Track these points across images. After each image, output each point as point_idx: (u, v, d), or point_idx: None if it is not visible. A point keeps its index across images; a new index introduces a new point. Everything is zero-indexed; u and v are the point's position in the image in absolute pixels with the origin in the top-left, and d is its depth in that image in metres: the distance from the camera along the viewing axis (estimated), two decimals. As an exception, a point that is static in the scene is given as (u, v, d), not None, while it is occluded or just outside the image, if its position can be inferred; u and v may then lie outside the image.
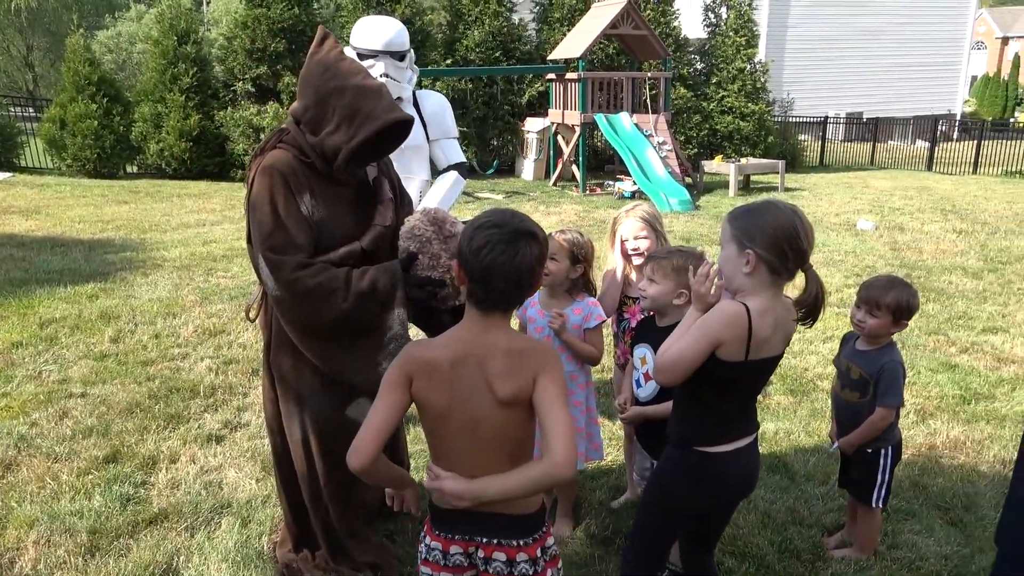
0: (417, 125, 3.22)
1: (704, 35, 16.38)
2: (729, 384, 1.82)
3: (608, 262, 2.79)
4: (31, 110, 18.27)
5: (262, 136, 12.71)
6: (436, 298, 2.10)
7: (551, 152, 13.88)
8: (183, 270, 6.33)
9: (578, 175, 12.69)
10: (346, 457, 1.47)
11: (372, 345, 2.07)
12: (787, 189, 12.75)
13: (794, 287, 1.80)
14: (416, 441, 3.29)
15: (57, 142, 13.10)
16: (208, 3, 38.76)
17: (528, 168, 14.26)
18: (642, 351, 2.39)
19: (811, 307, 1.77)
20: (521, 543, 1.54)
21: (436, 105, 3.32)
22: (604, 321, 2.58)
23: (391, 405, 1.50)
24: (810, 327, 1.84)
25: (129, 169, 13.76)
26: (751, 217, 1.77)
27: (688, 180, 12.55)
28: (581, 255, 2.53)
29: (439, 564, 1.58)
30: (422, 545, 1.62)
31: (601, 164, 15.14)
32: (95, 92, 12.90)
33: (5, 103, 15.80)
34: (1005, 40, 47.18)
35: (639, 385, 2.41)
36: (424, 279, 2.09)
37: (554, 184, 13.19)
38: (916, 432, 3.56)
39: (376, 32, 2.98)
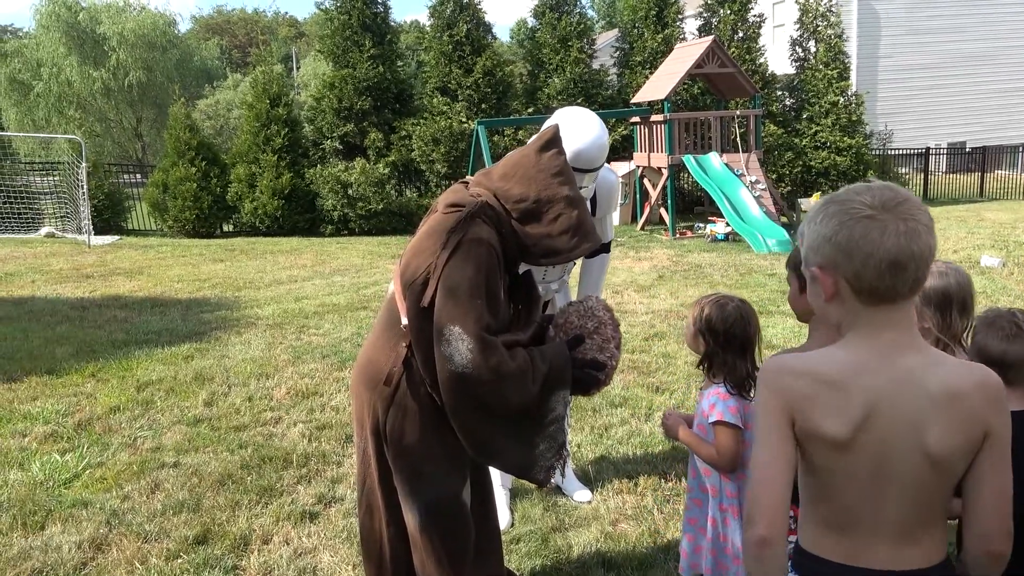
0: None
1: (792, 70, 15.86)
2: None
3: None
4: (139, 176, 19.40)
5: (350, 191, 12.96)
6: (595, 382, 2.00)
7: (637, 196, 13.56)
8: (276, 328, 6.29)
9: (667, 218, 12.30)
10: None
11: (533, 426, 1.95)
12: (894, 225, 11.94)
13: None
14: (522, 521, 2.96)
15: (160, 205, 13.76)
16: (298, 68, 40.93)
17: (615, 213, 13.97)
18: None
19: None
20: None
21: (612, 183, 3.00)
22: (724, 420, 1.99)
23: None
24: None
25: (225, 228, 14.28)
26: None
27: (784, 219, 11.97)
28: (706, 328, 2.04)
29: None
30: None
31: (689, 206, 14.71)
32: (195, 156, 13.53)
33: (115, 171, 16.81)
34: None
35: None
36: (589, 360, 1.99)
37: (641, 228, 12.84)
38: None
39: (589, 154, 2.60)
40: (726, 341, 2.02)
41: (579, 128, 2.54)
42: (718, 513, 2.08)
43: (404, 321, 1.95)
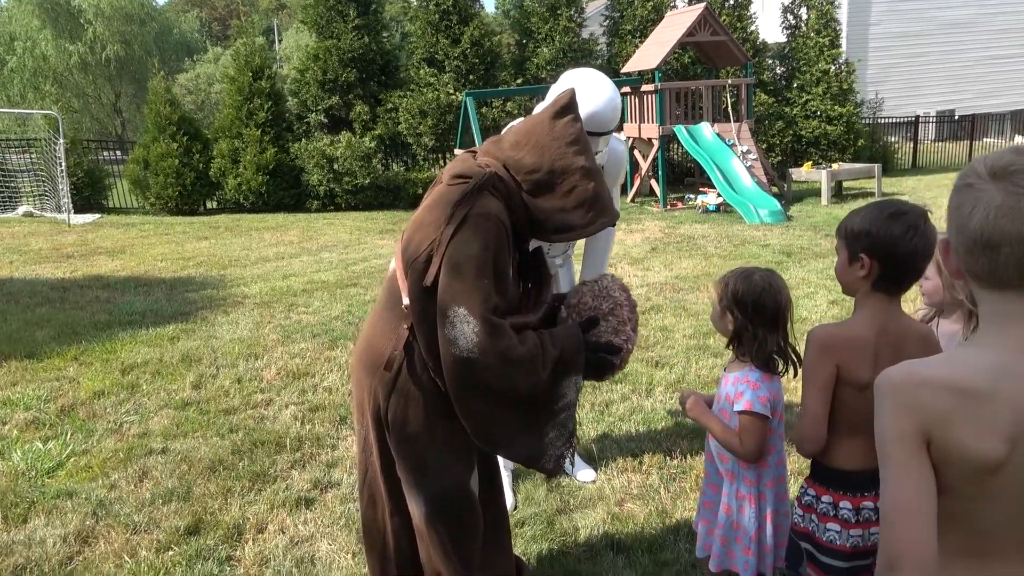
0: None
1: (783, 38, 15.65)
2: None
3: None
4: (119, 152, 18.98)
5: (336, 166, 12.70)
6: (610, 367, 1.88)
7: (627, 168, 13.39)
8: (264, 307, 6.14)
9: (657, 190, 12.17)
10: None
11: (543, 413, 1.83)
12: (884, 195, 11.89)
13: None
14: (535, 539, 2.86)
15: (141, 182, 13.46)
16: (280, 40, 40.13)
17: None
18: None
19: None
20: None
21: (620, 153, 2.84)
22: (753, 411, 1.87)
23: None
24: None
25: (209, 205, 13.98)
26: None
27: (774, 189, 11.86)
28: (732, 303, 1.91)
29: None
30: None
31: (680, 177, 14.57)
32: (176, 131, 13.19)
33: (94, 147, 16.40)
34: (1105, 24, 44.09)
35: None
36: (603, 344, 1.87)
37: (632, 200, 12.70)
38: None
39: (603, 116, 2.43)
40: (755, 312, 1.88)
41: (592, 89, 2.38)
42: (734, 501, 1.98)
43: (405, 301, 1.83)
